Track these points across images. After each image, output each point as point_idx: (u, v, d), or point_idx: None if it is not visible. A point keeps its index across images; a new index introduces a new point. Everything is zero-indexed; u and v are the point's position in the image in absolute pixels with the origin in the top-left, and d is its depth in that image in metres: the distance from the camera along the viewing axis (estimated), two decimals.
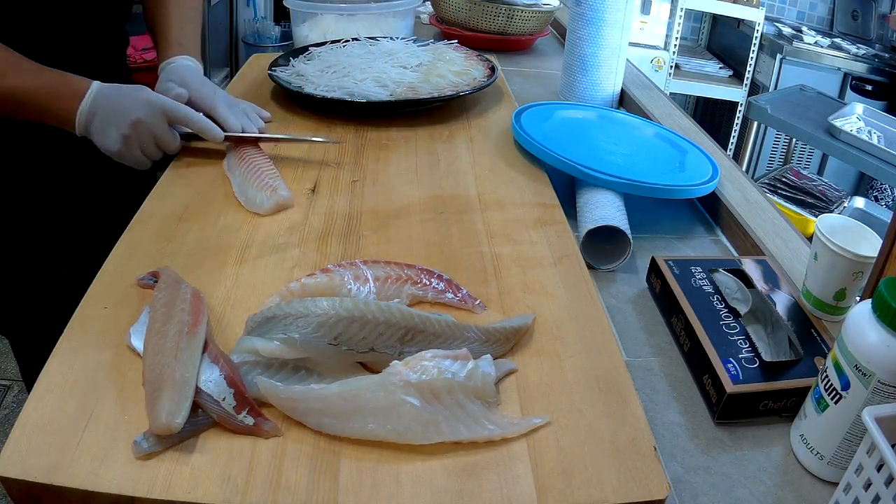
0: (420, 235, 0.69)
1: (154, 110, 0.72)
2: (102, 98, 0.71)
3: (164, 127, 0.73)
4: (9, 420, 1.68)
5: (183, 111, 0.75)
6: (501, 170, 0.84)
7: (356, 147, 0.88)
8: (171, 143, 0.75)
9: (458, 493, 0.43)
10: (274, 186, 0.73)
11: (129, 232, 0.67)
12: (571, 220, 0.77)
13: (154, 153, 0.75)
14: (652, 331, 0.67)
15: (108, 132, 0.71)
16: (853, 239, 0.62)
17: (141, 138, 0.72)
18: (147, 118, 0.72)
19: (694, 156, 0.92)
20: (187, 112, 0.75)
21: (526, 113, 0.95)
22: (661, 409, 0.58)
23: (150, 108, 0.72)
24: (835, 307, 0.64)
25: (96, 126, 0.71)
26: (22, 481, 0.42)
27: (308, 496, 0.42)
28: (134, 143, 0.72)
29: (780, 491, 0.51)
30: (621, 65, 1.12)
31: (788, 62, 2.90)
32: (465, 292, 0.61)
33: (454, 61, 1.10)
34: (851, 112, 2.15)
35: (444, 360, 0.49)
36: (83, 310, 0.56)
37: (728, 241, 0.84)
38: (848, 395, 0.48)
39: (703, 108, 3.71)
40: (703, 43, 3.71)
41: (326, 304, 0.50)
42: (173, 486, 0.42)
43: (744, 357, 0.57)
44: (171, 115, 0.74)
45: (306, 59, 1.09)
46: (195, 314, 0.53)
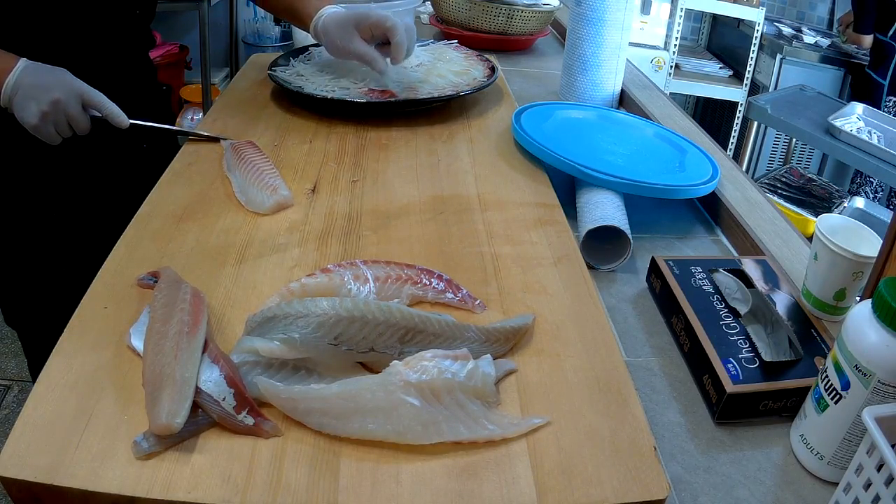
0: (420, 235, 0.69)
1: (72, 92, 0.77)
2: (26, 75, 0.76)
3: (78, 108, 0.78)
4: (9, 420, 1.68)
5: (96, 97, 0.79)
6: (501, 170, 0.84)
7: (356, 147, 0.88)
8: (82, 124, 0.79)
9: (458, 493, 0.43)
10: (274, 186, 0.73)
11: (129, 232, 0.67)
12: (571, 220, 0.77)
13: (65, 131, 0.79)
14: (652, 331, 0.67)
15: (28, 107, 0.75)
16: (853, 239, 0.62)
17: (56, 116, 0.77)
18: (64, 98, 0.76)
19: (694, 156, 0.92)
20: (100, 98, 0.79)
21: (526, 113, 0.95)
22: (661, 409, 0.58)
23: (68, 90, 0.76)
24: (835, 307, 0.64)
25: (18, 100, 0.75)
26: (22, 481, 0.42)
27: (308, 496, 0.42)
28: (49, 120, 0.77)
29: (780, 491, 0.51)
30: (621, 65, 1.12)
31: (788, 62, 2.90)
32: (465, 292, 0.61)
33: (454, 61, 1.10)
34: (851, 112, 2.15)
35: (444, 360, 0.49)
36: (83, 310, 0.56)
37: (728, 241, 0.84)
38: (848, 395, 0.48)
39: (703, 108, 3.71)
40: (703, 43, 3.71)
41: (326, 304, 0.50)
42: (173, 486, 0.42)
43: (744, 357, 0.57)
44: (86, 98, 0.78)
45: (306, 59, 1.09)
46: (195, 314, 0.53)
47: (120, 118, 0.80)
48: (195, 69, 2.82)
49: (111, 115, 0.80)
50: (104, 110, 0.80)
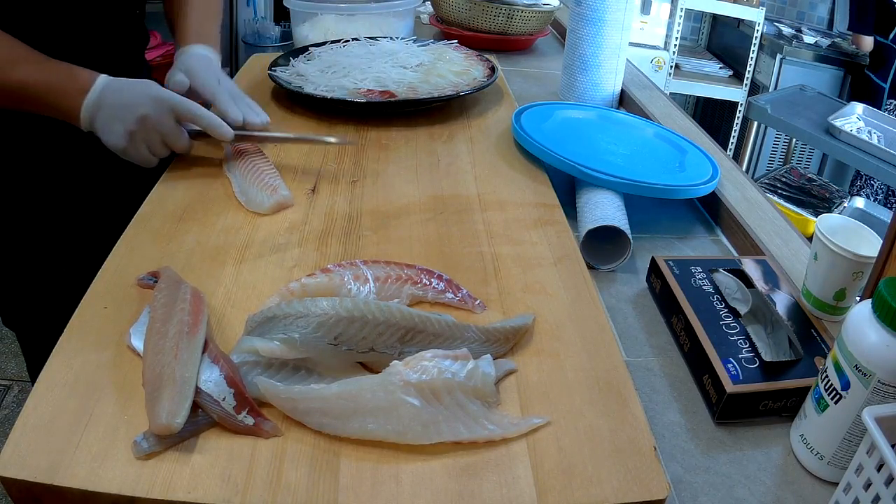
0: (420, 235, 0.69)
1: (161, 106, 0.71)
2: (109, 92, 0.70)
3: (171, 124, 0.72)
4: (9, 420, 1.68)
5: (191, 107, 0.72)
6: (501, 170, 0.84)
7: (356, 147, 0.88)
8: (178, 140, 0.73)
9: (458, 493, 0.43)
10: (274, 186, 0.73)
11: (129, 232, 0.67)
12: (571, 220, 0.77)
13: (160, 150, 0.73)
14: (652, 331, 0.67)
15: (113, 128, 0.69)
16: (853, 239, 0.62)
17: (147, 135, 0.71)
18: (154, 114, 0.70)
19: (694, 156, 0.92)
20: (195, 108, 0.73)
21: (526, 113, 0.95)
22: (661, 409, 0.58)
23: (157, 104, 0.70)
24: (835, 307, 0.64)
25: (101, 121, 0.70)
26: (22, 481, 0.42)
27: (308, 496, 0.42)
28: (140, 140, 0.71)
29: (780, 491, 0.51)
30: (621, 65, 1.12)
31: (788, 62, 2.90)
32: (465, 292, 0.61)
33: (454, 61, 1.10)
34: (851, 112, 2.15)
35: (444, 360, 0.49)
36: (83, 310, 0.56)
37: (728, 241, 0.84)
38: (848, 395, 0.48)
39: (703, 108, 3.71)
40: (703, 43, 3.71)
41: (326, 304, 0.50)
42: (173, 486, 0.42)
43: (744, 357, 0.57)
44: (178, 111, 0.72)
45: (306, 59, 1.09)
46: (195, 314, 0.53)
47: (222, 130, 0.74)
48: None
49: (210, 127, 0.73)
50: (201, 122, 0.73)
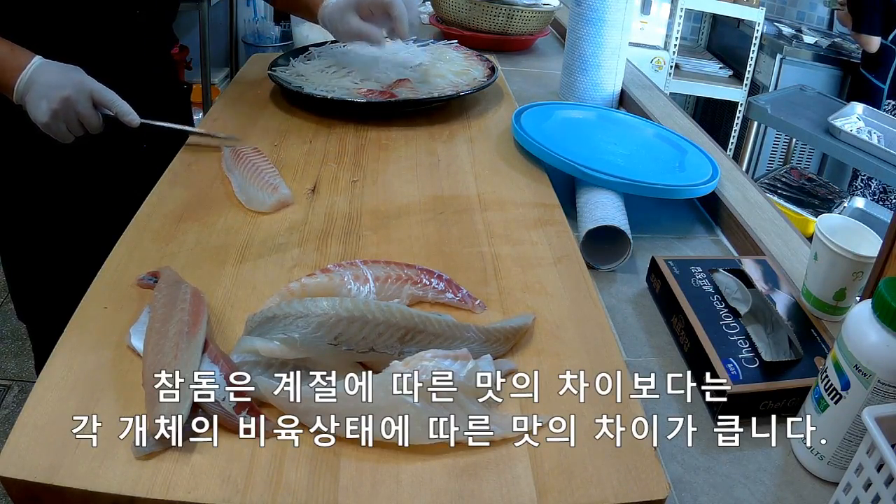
0: (420, 235, 0.69)
1: (82, 90, 0.77)
2: (39, 73, 0.76)
3: (88, 107, 0.78)
4: (9, 420, 1.68)
5: (106, 94, 0.79)
6: (501, 170, 0.84)
7: (356, 147, 0.88)
8: (93, 122, 0.80)
9: (458, 493, 0.43)
10: (275, 185, 0.73)
11: (129, 232, 0.67)
12: (571, 220, 0.77)
13: (77, 129, 0.80)
14: (652, 331, 0.67)
15: (39, 104, 0.76)
16: (853, 239, 0.62)
17: (67, 114, 0.77)
18: (74, 96, 0.76)
19: (694, 156, 0.92)
20: (110, 95, 0.79)
21: (526, 113, 0.95)
22: (661, 408, 0.58)
23: (79, 88, 0.77)
24: (835, 307, 0.64)
25: (30, 98, 0.76)
26: (22, 481, 0.42)
27: (308, 496, 0.42)
28: (60, 118, 0.77)
29: (780, 491, 0.51)
30: (621, 65, 1.12)
31: (788, 62, 2.90)
32: (465, 292, 0.61)
33: (454, 61, 1.10)
34: (851, 112, 2.15)
35: (444, 360, 0.49)
36: (83, 310, 0.56)
37: (728, 241, 0.84)
38: (848, 395, 0.48)
39: (703, 108, 3.71)
40: (703, 43, 3.71)
41: (326, 304, 0.50)
42: (173, 486, 0.42)
43: (744, 357, 0.57)
44: (96, 97, 0.78)
45: (306, 59, 1.09)
46: (195, 314, 0.52)
47: (130, 116, 0.81)
48: (195, 69, 2.82)
49: (121, 114, 0.80)
50: (115, 108, 0.80)
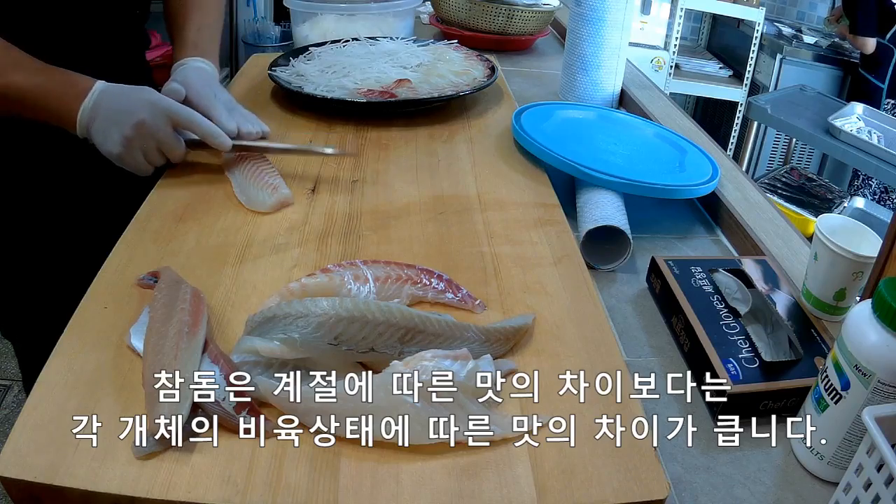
0: (420, 235, 0.69)
1: (158, 113, 0.70)
2: (106, 98, 0.69)
3: (167, 131, 0.71)
4: (9, 420, 1.68)
5: (189, 115, 0.72)
6: (501, 170, 0.84)
7: (356, 147, 0.88)
8: (174, 148, 0.73)
9: (458, 493, 0.43)
10: (275, 185, 0.73)
11: (129, 232, 0.67)
12: (571, 220, 0.77)
13: (156, 158, 0.73)
14: (652, 331, 0.67)
15: (109, 133, 0.69)
16: (853, 239, 0.62)
17: (143, 141, 0.70)
18: (150, 120, 0.69)
19: (694, 156, 0.92)
20: (193, 116, 0.72)
21: (526, 113, 0.95)
22: (661, 408, 0.58)
23: (154, 111, 0.70)
24: (835, 307, 0.64)
25: (97, 127, 0.69)
26: (22, 481, 0.42)
27: (308, 496, 0.42)
28: (136, 147, 0.70)
29: (780, 491, 0.51)
30: (621, 65, 1.12)
31: (788, 62, 2.90)
32: (465, 292, 0.61)
33: (454, 61, 1.09)
34: (851, 112, 2.15)
35: (444, 360, 0.49)
36: (83, 310, 0.56)
37: (728, 241, 0.84)
38: (848, 395, 0.48)
39: (703, 108, 3.71)
40: (703, 43, 3.71)
41: (326, 304, 0.50)
42: (173, 486, 0.42)
43: (744, 357, 0.57)
44: (176, 118, 0.71)
45: (306, 59, 1.09)
46: (195, 314, 0.52)
47: (220, 140, 0.73)
48: None
49: (208, 136, 0.72)
50: (199, 130, 0.72)
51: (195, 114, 0.73)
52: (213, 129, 0.73)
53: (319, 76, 1.01)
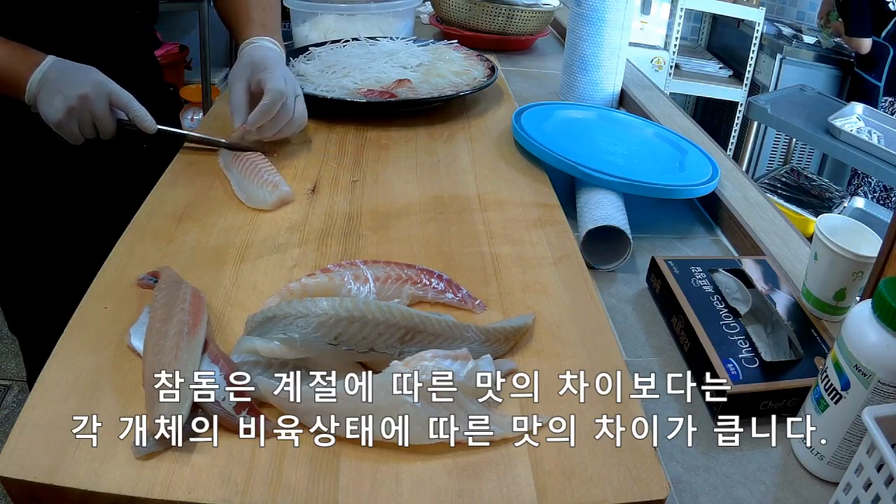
0: (420, 235, 0.69)
1: (101, 90, 0.75)
2: (55, 70, 0.74)
3: (105, 108, 0.76)
4: (9, 420, 1.68)
5: (124, 97, 0.77)
6: (501, 170, 0.84)
7: (356, 147, 0.88)
8: (108, 125, 0.77)
9: (458, 493, 0.43)
10: (275, 182, 0.73)
11: (129, 232, 0.67)
12: (571, 220, 0.77)
13: (89, 131, 0.77)
14: (652, 331, 0.67)
15: (53, 101, 0.73)
16: (853, 239, 0.62)
17: (82, 113, 0.75)
18: (93, 95, 0.74)
19: (694, 156, 0.92)
20: (128, 98, 0.77)
21: (526, 113, 0.95)
22: (661, 408, 0.58)
23: (97, 88, 0.74)
24: (835, 307, 0.64)
25: (44, 94, 0.73)
26: (22, 481, 0.42)
27: (308, 496, 0.42)
28: (75, 117, 0.75)
29: (780, 491, 0.51)
30: (621, 65, 1.12)
31: (788, 62, 2.90)
32: (465, 292, 0.61)
33: (454, 61, 1.10)
34: (851, 112, 2.15)
35: (444, 360, 0.49)
36: (83, 310, 0.56)
37: (728, 241, 0.84)
38: (848, 395, 0.48)
39: (703, 108, 3.71)
40: (703, 43, 3.71)
41: (326, 304, 0.50)
42: (173, 486, 0.42)
43: (744, 357, 0.57)
44: (114, 99, 0.76)
45: (306, 59, 1.09)
46: (195, 314, 0.52)
47: (147, 122, 0.78)
48: (195, 69, 2.82)
49: (138, 119, 0.78)
50: (131, 113, 0.77)
51: (130, 96, 0.78)
52: (142, 113, 0.78)
53: (319, 76, 1.01)
